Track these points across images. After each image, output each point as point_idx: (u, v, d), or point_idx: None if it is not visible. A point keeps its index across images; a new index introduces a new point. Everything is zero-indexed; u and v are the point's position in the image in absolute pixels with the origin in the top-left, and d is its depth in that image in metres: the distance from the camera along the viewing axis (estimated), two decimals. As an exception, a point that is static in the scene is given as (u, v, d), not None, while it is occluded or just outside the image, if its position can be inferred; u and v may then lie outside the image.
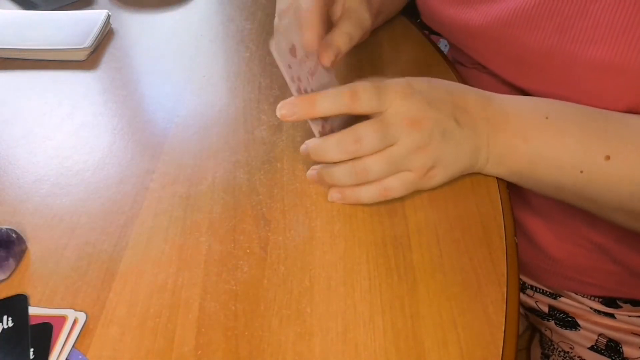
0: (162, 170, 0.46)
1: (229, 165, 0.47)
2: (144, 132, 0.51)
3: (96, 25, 0.62)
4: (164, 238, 0.41)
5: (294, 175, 0.46)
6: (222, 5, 0.72)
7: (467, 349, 0.34)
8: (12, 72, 0.59)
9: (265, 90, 0.55)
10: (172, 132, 0.51)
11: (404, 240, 0.40)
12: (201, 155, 0.48)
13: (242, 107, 0.53)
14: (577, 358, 0.59)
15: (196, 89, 0.56)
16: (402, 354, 0.34)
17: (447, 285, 0.37)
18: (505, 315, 0.36)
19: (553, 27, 0.42)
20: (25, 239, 0.40)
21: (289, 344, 0.34)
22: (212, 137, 0.50)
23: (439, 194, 0.44)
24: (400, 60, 0.61)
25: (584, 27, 0.41)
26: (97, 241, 0.40)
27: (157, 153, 0.48)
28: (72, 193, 0.44)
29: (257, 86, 0.56)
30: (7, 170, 0.47)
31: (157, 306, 0.36)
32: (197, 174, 0.46)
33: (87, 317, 0.35)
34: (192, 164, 0.47)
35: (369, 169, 0.40)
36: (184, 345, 0.34)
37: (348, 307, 0.36)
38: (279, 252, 0.40)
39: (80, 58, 0.60)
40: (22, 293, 0.37)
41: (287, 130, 0.50)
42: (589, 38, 0.40)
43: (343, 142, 0.40)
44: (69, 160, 0.47)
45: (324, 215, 0.42)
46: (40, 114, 0.53)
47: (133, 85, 0.57)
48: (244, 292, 0.37)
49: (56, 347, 0.33)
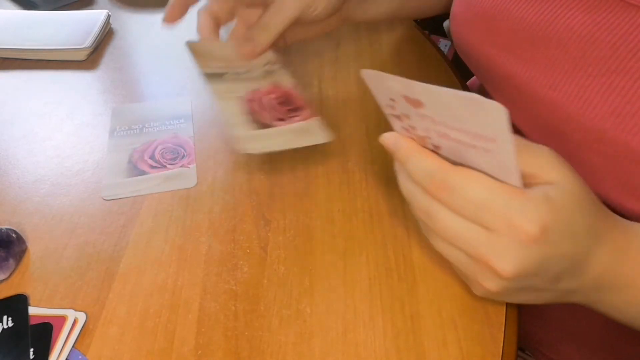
0: (162, 170, 0.46)
1: (229, 165, 0.47)
2: (144, 132, 0.51)
3: (96, 25, 0.62)
4: (164, 238, 0.41)
5: (294, 175, 0.46)
6: (222, 5, 0.72)
7: (467, 349, 0.34)
8: (12, 72, 0.59)
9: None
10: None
11: (404, 240, 0.40)
12: (201, 155, 0.48)
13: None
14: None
15: (196, 89, 0.56)
16: (402, 354, 0.34)
17: (447, 285, 0.37)
18: (505, 315, 0.36)
19: (609, 108, 0.36)
20: (25, 239, 0.40)
21: (289, 344, 0.34)
22: (211, 137, 0.50)
23: (439, 194, 0.44)
24: (401, 60, 0.61)
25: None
26: (97, 241, 0.40)
27: (157, 153, 0.48)
28: (72, 193, 0.44)
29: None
30: (7, 170, 0.47)
31: (157, 306, 0.36)
32: (197, 173, 0.46)
33: (87, 317, 0.35)
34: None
35: (442, 225, 0.32)
36: (184, 345, 0.34)
37: (348, 307, 0.36)
38: (279, 252, 0.40)
39: (80, 58, 0.60)
40: (22, 293, 0.37)
41: (287, 130, 0.50)
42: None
43: (431, 187, 0.31)
44: (69, 160, 0.47)
45: (324, 215, 0.42)
46: (40, 114, 0.53)
47: (133, 85, 0.57)
48: (244, 292, 0.37)
49: (56, 347, 0.33)
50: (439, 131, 0.30)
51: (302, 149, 0.48)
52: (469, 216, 0.30)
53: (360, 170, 0.46)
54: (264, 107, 0.44)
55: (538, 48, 0.40)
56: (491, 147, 0.28)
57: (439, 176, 0.31)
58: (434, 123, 0.30)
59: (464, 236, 0.30)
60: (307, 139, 0.42)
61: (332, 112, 0.53)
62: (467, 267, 0.32)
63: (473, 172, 0.30)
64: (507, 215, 0.29)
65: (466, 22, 0.48)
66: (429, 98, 0.29)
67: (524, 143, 0.31)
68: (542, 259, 0.29)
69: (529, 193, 0.29)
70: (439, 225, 0.31)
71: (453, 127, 0.29)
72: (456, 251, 0.32)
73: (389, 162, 0.47)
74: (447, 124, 0.29)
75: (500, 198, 0.29)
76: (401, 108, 0.31)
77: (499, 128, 0.27)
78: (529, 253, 0.29)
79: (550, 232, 0.29)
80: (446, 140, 0.31)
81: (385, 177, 0.46)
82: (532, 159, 0.31)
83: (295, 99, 0.46)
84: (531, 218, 0.28)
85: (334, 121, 0.52)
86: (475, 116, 0.28)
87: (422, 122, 0.31)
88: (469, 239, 0.30)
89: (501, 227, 0.29)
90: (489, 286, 0.31)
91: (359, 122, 0.51)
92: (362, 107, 0.53)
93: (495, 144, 0.28)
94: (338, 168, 0.47)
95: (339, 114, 0.52)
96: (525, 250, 0.29)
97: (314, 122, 0.44)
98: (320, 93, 0.55)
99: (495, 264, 0.30)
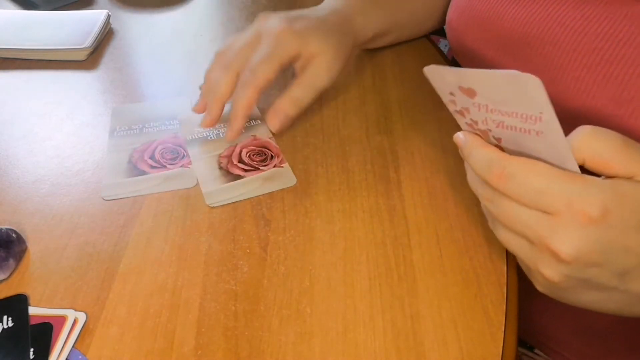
0: (162, 170, 0.46)
1: (229, 165, 0.47)
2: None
3: (96, 25, 0.62)
4: (164, 238, 0.41)
5: (294, 175, 0.46)
6: (222, 5, 0.72)
7: (467, 349, 0.34)
8: (12, 72, 0.59)
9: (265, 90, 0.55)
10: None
11: (404, 240, 0.40)
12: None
13: (242, 107, 0.53)
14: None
15: (196, 89, 0.56)
16: (402, 354, 0.34)
17: (447, 285, 0.37)
18: (505, 315, 0.36)
19: (608, 96, 0.37)
20: (25, 239, 0.40)
21: (289, 344, 0.34)
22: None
23: (439, 194, 0.44)
24: (401, 60, 0.61)
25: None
26: (97, 241, 0.40)
27: (157, 153, 0.48)
28: (72, 193, 0.44)
29: (257, 86, 0.56)
30: (7, 170, 0.47)
31: (157, 306, 0.36)
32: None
33: (87, 317, 0.35)
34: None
35: (504, 212, 0.32)
36: (184, 345, 0.34)
37: (348, 307, 0.36)
38: (279, 252, 0.40)
39: (80, 58, 0.60)
40: (22, 293, 0.37)
41: (287, 130, 0.50)
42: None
43: (489, 176, 0.32)
44: (69, 160, 0.47)
45: (324, 215, 0.42)
46: (40, 114, 0.53)
47: (133, 85, 0.57)
48: (244, 292, 0.37)
49: (56, 347, 0.33)
50: (495, 120, 0.31)
51: (303, 147, 0.49)
52: (529, 203, 0.30)
53: (360, 170, 0.46)
54: (235, 160, 0.47)
55: (533, 47, 0.41)
56: (540, 127, 0.29)
57: (497, 166, 0.31)
58: (488, 112, 0.31)
59: (525, 221, 0.30)
60: (273, 185, 0.45)
61: (332, 112, 0.53)
62: (529, 255, 0.32)
63: (531, 160, 0.30)
64: (567, 198, 0.29)
65: (461, 27, 0.49)
66: (478, 83, 0.30)
67: (623, 140, 0.30)
68: (602, 244, 0.29)
69: (591, 178, 0.29)
70: (501, 212, 0.32)
71: (504, 111, 0.30)
72: (519, 239, 0.32)
73: (388, 162, 0.47)
74: (499, 109, 0.30)
75: (560, 183, 0.29)
76: (460, 102, 0.32)
77: (539, 101, 0.28)
78: (588, 234, 0.29)
79: (613, 216, 0.28)
80: (504, 129, 0.32)
81: (385, 177, 0.46)
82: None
83: (271, 148, 0.48)
84: (592, 201, 0.28)
85: (334, 121, 0.52)
86: (517, 93, 0.28)
87: (480, 114, 0.32)
88: (530, 223, 0.30)
89: (561, 210, 0.29)
90: (550, 274, 0.31)
91: (359, 122, 0.51)
92: (362, 107, 0.53)
93: (543, 122, 0.29)
94: (338, 168, 0.47)
95: (339, 114, 0.52)
96: (585, 231, 0.29)
97: (283, 169, 0.46)
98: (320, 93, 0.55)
99: (554, 245, 0.29)
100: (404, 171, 0.46)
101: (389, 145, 0.49)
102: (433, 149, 0.49)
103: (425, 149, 0.48)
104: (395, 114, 0.52)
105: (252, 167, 0.46)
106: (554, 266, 0.30)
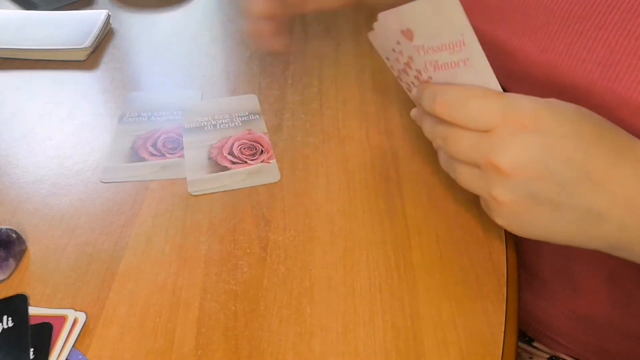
0: (162, 170, 0.46)
1: (229, 165, 0.47)
2: (144, 132, 0.51)
3: (96, 25, 0.62)
4: (164, 238, 0.41)
5: (294, 175, 0.46)
6: (222, 5, 0.72)
7: (467, 349, 0.34)
8: (12, 72, 0.59)
9: (265, 90, 0.55)
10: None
11: (404, 240, 0.40)
12: (201, 155, 0.48)
13: (242, 107, 0.53)
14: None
15: (196, 89, 0.56)
16: (402, 354, 0.34)
17: (447, 285, 0.37)
18: (505, 315, 0.36)
19: (597, 61, 0.37)
20: (25, 239, 0.40)
21: (289, 344, 0.34)
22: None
23: (439, 194, 0.44)
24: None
25: (631, 65, 0.34)
26: (97, 241, 0.40)
27: (157, 153, 0.48)
28: (72, 193, 0.44)
29: (257, 86, 0.56)
30: (7, 170, 0.47)
31: (157, 306, 0.36)
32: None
33: (87, 317, 0.35)
34: (192, 164, 0.47)
35: (452, 142, 0.34)
36: (184, 345, 0.34)
37: (348, 307, 0.36)
38: (279, 252, 0.40)
39: (80, 58, 0.60)
40: (22, 293, 0.37)
41: (287, 130, 0.50)
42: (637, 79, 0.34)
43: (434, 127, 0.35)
44: (69, 160, 0.47)
45: (324, 215, 0.42)
46: (40, 114, 0.53)
47: (133, 85, 0.57)
48: (244, 292, 0.37)
49: (56, 347, 0.33)
50: (432, 61, 0.34)
51: (303, 147, 0.49)
52: (470, 124, 0.32)
53: (360, 170, 0.46)
54: (225, 152, 0.48)
55: (529, 16, 0.42)
56: (466, 54, 0.32)
57: (440, 96, 0.33)
58: (425, 53, 0.34)
59: (470, 144, 0.32)
60: (256, 179, 0.46)
61: (332, 112, 0.53)
62: (480, 182, 0.33)
63: (465, 86, 0.33)
64: (502, 111, 0.31)
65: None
66: (413, 20, 0.33)
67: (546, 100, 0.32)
68: (541, 152, 0.30)
69: (521, 94, 0.32)
70: (449, 142, 0.34)
71: (436, 47, 0.33)
72: (470, 169, 0.33)
73: (388, 162, 0.47)
74: (432, 46, 0.33)
75: (493, 100, 0.31)
76: (406, 50, 0.35)
77: (459, 22, 0.31)
78: (525, 142, 0.30)
79: (546, 123, 0.30)
80: (440, 71, 0.34)
81: (385, 177, 0.46)
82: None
83: (263, 143, 0.49)
84: (524, 110, 0.31)
85: (334, 121, 0.52)
86: (441, 20, 0.31)
87: (420, 59, 0.34)
88: (473, 144, 0.32)
89: (498, 124, 0.31)
90: (499, 193, 0.32)
91: (359, 122, 0.51)
92: (362, 107, 0.53)
93: (466, 47, 0.31)
94: (338, 168, 0.47)
95: (339, 114, 0.52)
96: (520, 138, 0.30)
97: (269, 165, 0.47)
98: (320, 93, 0.55)
99: (495, 158, 0.31)
100: (404, 171, 0.46)
101: (389, 146, 0.49)
102: (433, 149, 0.48)
103: (425, 149, 0.48)
104: (395, 114, 0.52)
105: (240, 160, 0.47)
106: (500, 183, 0.31)
